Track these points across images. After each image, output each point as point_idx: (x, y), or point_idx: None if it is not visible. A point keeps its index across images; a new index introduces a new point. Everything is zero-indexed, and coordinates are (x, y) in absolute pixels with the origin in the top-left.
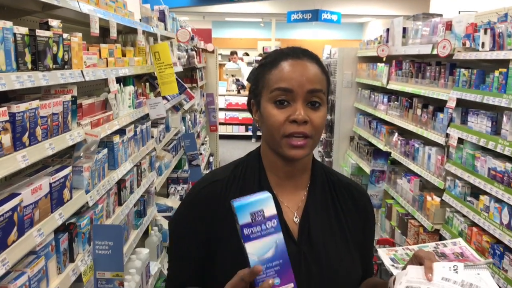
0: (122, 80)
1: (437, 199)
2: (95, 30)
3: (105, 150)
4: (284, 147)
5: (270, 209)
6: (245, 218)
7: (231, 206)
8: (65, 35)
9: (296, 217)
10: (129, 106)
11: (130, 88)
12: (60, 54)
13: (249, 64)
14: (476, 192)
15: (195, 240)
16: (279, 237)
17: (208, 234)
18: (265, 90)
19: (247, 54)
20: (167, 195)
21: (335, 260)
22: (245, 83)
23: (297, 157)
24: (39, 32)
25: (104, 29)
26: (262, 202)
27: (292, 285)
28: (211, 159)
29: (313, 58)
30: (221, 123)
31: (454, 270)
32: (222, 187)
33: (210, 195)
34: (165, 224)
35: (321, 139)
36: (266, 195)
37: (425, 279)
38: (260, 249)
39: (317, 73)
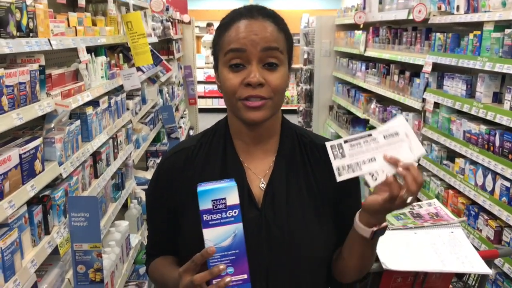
0: (94, 51)
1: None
2: None
3: (78, 122)
4: (242, 110)
5: (233, 198)
6: (206, 204)
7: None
8: (28, 1)
9: (262, 183)
10: (102, 77)
11: (102, 59)
12: (24, 21)
13: None
14: (452, 155)
15: (165, 208)
16: (238, 227)
17: (175, 202)
18: (221, 54)
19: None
20: (146, 168)
21: (299, 225)
22: None
23: (256, 119)
24: None
25: None
26: (225, 190)
27: (245, 276)
28: (191, 132)
29: (270, 15)
30: (200, 96)
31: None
32: (187, 155)
33: (175, 164)
34: (144, 197)
35: (300, 109)
36: (231, 183)
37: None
38: (218, 236)
39: (273, 31)
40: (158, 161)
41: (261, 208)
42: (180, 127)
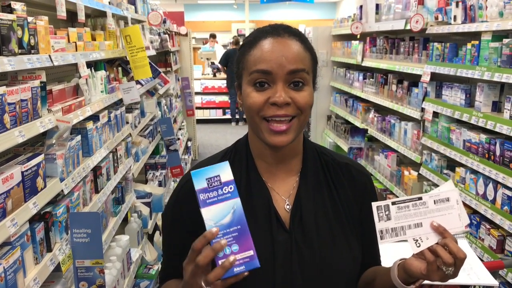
0: (93, 65)
1: (414, 173)
2: (61, 13)
3: (79, 137)
4: (265, 132)
5: (226, 175)
6: (200, 183)
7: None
8: (30, 19)
9: (287, 204)
10: (102, 92)
11: (102, 73)
12: (25, 38)
13: (224, 46)
14: (452, 164)
15: (182, 231)
16: (236, 202)
17: (196, 224)
18: (245, 72)
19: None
20: (145, 181)
21: (328, 246)
22: (219, 65)
23: (280, 144)
24: (2, 15)
25: (72, 13)
26: (218, 168)
27: (251, 252)
28: (189, 144)
29: (296, 34)
30: (198, 108)
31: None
32: None
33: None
34: (144, 210)
35: None
36: (223, 162)
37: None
38: (217, 214)
39: (299, 51)
40: (157, 173)
41: (290, 229)
42: (179, 138)
